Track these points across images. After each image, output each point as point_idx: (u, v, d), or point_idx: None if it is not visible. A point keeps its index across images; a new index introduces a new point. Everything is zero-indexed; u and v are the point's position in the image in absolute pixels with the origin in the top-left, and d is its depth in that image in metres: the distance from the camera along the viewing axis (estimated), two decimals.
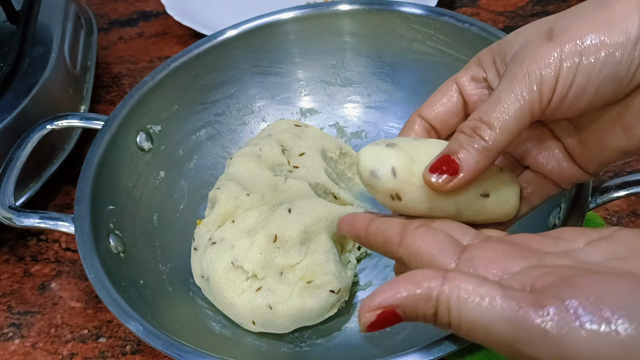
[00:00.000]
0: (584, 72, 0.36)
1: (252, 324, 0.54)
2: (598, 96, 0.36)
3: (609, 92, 0.36)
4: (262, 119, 0.71)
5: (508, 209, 0.41)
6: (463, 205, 0.39)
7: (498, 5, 0.87)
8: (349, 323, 0.56)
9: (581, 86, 0.36)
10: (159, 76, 0.65)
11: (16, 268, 0.65)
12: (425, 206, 0.38)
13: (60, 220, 0.55)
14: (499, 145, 0.36)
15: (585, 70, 0.36)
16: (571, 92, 0.36)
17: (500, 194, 0.40)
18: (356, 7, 0.68)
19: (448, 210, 0.38)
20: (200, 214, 0.65)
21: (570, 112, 0.37)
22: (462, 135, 0.37)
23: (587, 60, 0.35)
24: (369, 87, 0.71)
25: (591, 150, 0.41)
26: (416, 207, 0.38)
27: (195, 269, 0.58)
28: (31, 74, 0.68)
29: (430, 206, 0.38)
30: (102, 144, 0.60)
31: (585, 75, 0.36)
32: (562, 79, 0.36)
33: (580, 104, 0.37)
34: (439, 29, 0.65)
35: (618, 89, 0.36)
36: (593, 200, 0.50)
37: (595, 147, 0.40)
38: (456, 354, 0.52)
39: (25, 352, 0.59)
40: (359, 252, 0.60)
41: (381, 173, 0.37)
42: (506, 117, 0.36)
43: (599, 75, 0.36)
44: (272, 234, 0.55)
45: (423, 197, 0.38)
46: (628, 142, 0.39)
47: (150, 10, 0.94)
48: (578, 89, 0.36)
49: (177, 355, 0.47)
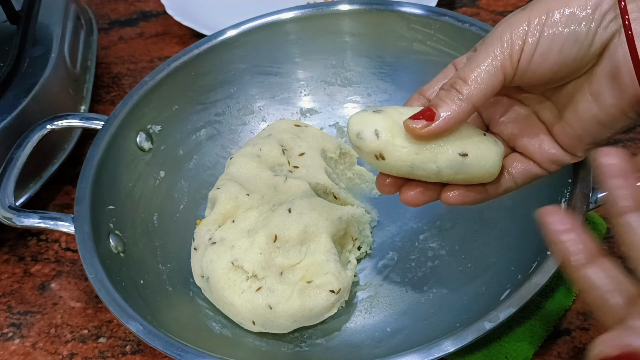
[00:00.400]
0: (547, 34, 0.40)
1: (252, 324, 0.54)
2: (563, 56, 0.40)
3: (573, 53, 0.40)
4: (262, 119, 0.71)
5: (488, 168, 0.43)
6: (443, 164, 0.42)
7: (498, 5, 0.87)
8: (349, 323, 0.56)
9: (546, 45, 0.40)
10: (159, 76, 0.65)
11: (16, 268, 0.65)
12: (407, 164, 0.42)
13: (60, 220, 0.55)
14: (472, 98, 0.41)
15: (548, 32, 0.40)
16: (537, 51, 0.40)
17: (480, 153, 0.43)
18: (356, 7, 0.68)
19: (429, 168, 0.42)
20: (200, 214, 0.65)
21: (540, 72, 0.41)
22: (441, 90, 0.42)
23: (551, 22, 0.40)
24: (369, 87, 0.71)
25: (570, 125, 0.44)
26: (398, 165, 0.42)
27: (195, 269, 0.58)
28: (31, 74, 0.68)
29: (412, 164, 0.42)
30: (102, 144, 0.60)
31: (549, 36, 0.40)
32: (528, 39, 0.40)
33: (547, 63, 0.41)
34: (439, 29, 0.65)
35: (580, 51, 0.40)
36: (593, 200, 0.50)
37: (573, 121, 0.43)
38: (456, 354, 0.52)
39: (26, 352, 0.59)
40: (359, 252, 0.60)
41: (365, 135, 0.42)
42: (480, 73, 0.41)
43: (561, 36, 0.40)
44: (272, 233, 0.55)
45: (405, 156, 0.42)
46: (600, 111, 0.42)
47: (150, 10, 0.94)
48: (544, 48, 0.40)
49: (177, 355, 0.47)
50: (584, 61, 0.41)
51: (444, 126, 0.41)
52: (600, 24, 0.39)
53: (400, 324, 0.55)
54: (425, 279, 0.58)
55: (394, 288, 0.58)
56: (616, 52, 0.40)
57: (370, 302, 0.57)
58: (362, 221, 0.60)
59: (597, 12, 0.39)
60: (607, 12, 0.39)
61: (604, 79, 0.41)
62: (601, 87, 0.41)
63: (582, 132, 0.43)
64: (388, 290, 0.58)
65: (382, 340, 0.54)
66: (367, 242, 0.61)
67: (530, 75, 0.41)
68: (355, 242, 0.60)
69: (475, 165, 0.43)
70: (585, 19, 0.39)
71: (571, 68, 0.41)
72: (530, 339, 0.53)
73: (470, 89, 0.41)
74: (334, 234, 0.56)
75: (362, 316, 0.57)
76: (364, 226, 0.61)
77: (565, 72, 0.41)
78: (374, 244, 0.62)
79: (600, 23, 0.39)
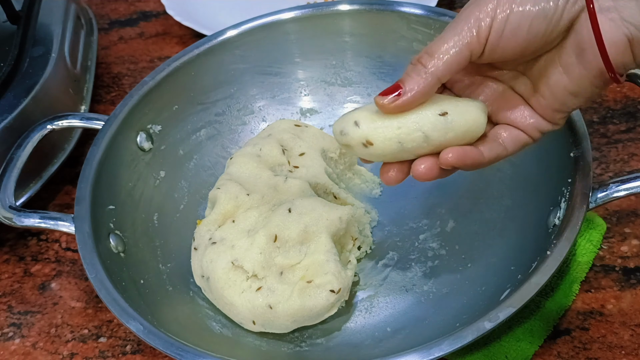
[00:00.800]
0: (516, 11, 0.41)
1: (252, 324, 0.54)
2: (532, 32, 0.42)
3: (542, 29, 0.41)
4: (262, 118, 0.71)
5: (474, 119, 0.45)
6: (427, 128, 0.43)
7: None
8: (349, 323, 0.56)
9: (516, 22, 0.41)
10: (159, 76, 0.65)
11: (16, 268, 0.65)
12: (395, 141, 0.44)
13: (60, 220, 0.55)
14: (437, 71, 0.42)
15: (518, 9, 0.41)
16: (507, 27, 0.41)
17: (459, 109, 0.44)
18: (356, 7, 0.68)
19: (416, 137, 0.44)
20: (201, 213, 0.65)
21: (511, 47, 0.42)
22: (410, 65, 0.44)
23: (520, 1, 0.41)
24: (369, 87, 0.71)
25: (544, 96, 0.45)
26: (388, 145, 0.44)
27: (195, 269, 0.58)
28: (31, 74, 0.68)
29: (399, 139, 0.44)
30: (103, 144, 0.60)
31: (519, 13, 0.41)
32: (498, 17, 0.41)
33: (517, 39, 0.42)
34: (439, 29, 0.65)
35: (549, 26, 0.41)
36: (593, 200, 0.50)
37: (546, 92, 0.45)
38: (456, 354, 0.52)
39: (26, 352, 0.59)
40: (358, 252, 0.60)
41: (347, 129, 0.44)
42: (447, 49, 0.42)
43: (530, 13, 0.41)
44: (272, 233, 0.55)
45: (389, 133, 0.44)
46: (570, 82, 0.43)
47: (150, 11, 0.94)
48: (513, 25, 0.41)
49: (177, 355, 0.47)
50: (553, 36, 0.42)
51: (410, 99, 0.43)
52: (568, 0, 0.41)
53: (400, 324, 0.55)
54: (425, 279, 0.58)
55: (394, 288, 0.58)
56: (582, 27, 0.41)
57: (370, 302, 0.58)
58: (362, 221, 0.61)
59: None
60: None
61: (572, 52, 0.42)
62: (570, 59, 0.43)
63: (555, 102, 0.45)
64: (388, 290, 0.58)
65: (382, 340, 0.54)
66: (367, 242, 0.61)
67: (501, 52, 0.43)
68: (355, 242, 0.60)
69: (459, 120, 0.44)
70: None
71: (541, 43, 0.43)
72: (530, 338, 0.53)
73: (436, 63, 0.42)
74: (334, 234, 0.56)
75: (362, 316, 0.57)
76: (364, 226, 0.61)
77: (535, 47, 0.43)
78: (374, 244, 0.62)
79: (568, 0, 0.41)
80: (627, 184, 0.50)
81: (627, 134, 0.68)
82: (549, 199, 0.53)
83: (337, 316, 0.55)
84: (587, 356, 0.53)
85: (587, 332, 0.54)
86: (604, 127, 0.69)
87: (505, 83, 0.48)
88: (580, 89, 0.44)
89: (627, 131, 0.68)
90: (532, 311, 0.54)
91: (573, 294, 0.55)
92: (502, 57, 0.44)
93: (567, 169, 0.52)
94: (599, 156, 0.66)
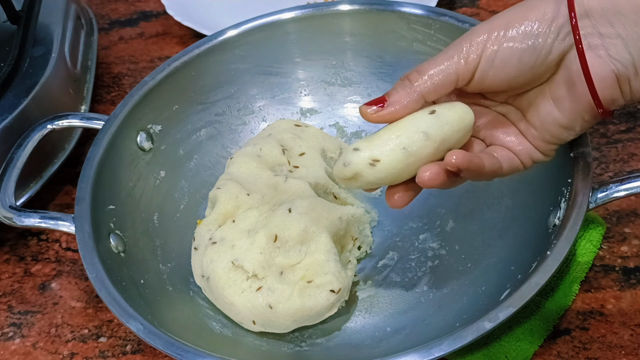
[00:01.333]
0: (506, 45, 0.43)
1: (252, 324, 0.54)
2: (522, 64, 0.43)
3: (531, 62, 0.43)
4: (262, 118, 0.71)
5: (461, 112, 0.46)
6: (424, 127, 0.44)
7: (498, 5, 0.87)
8: (349, 323, 0.56)
9: (506, 53, 0.43)
10: (159, 76, 0.65)
11: (16, 268, 0.65)
12: (399, 148, 0.44)
13: (60, 220, 0.56)
14: (422, 88, 0.44)
15: (508, 43, 0.43)
16: (498, 58, 0.43)
17: (445, 106, 0.46)
18: (356, 7, 0.68)
19: (417, 138, 0.44)
20: (201, 213, 0.65)
21: (500, 77, 0.44)
22: (398, 80, 0.46)
23: (510, 34, 0.43)
24: (369, 87, 0.71)
25: (535, 128, 0.47)
26: (393, 155, 0.44)
27: (195, 269, 0.58)
28: (31, 74, 0.68)
29: (402, 145, 0.44)
30: (103, 143, 0.60)
31: (509, 46, 0.43)
32: (489, 46, 0.43)
33: (508, 69, 0.43)
34: (439, 29, 0.65)
35: (538, 60, 0.43)
36: (593, 200, 0.50)
37: (537, 123, 0.46)
38: (456, 354, 0.52)
39: (26, 352, 0.59)
40: (358, 252, 0.60)
41: (349, 158, 0.44)
42: (436, 71, 0.44)
43: (521, 45, 0.43)
44: (273, 233, 0.55)
45: (391, 143, 0.44)
46: (561, 115, 0.45)
47: (150, 11, 0.94)
48: (504, 56, 0.43)
49: (178, 354, 0.47)
50: (542, 68, 0.44)
51: (392, 111, 0.44)
52: (558, 36, 0.43)
53: (400, 324, 0.55)
54: (425, 279, 0.58)
55: (394, 288, 0.58)
56: (572, 62, 0.43)
57: (370, 302, 0.58)
58: (362, 221, 0.61)
59: (553, 26, 0.42)
60: (563, 25, 0.42)
61: (563, 85, 0.44)
62: (561, 92, 0.44)
63: (546, 134, 0.47)
64: (388, 290, 0.58)
65: (382, 340, 0.54)
66: (367, 242, 0.61)
67: (491, 80, 0.44)
68: (355, 242, 0.60)
69: (449, 112, 0.45)
70: (543, 31, 0.42)
71: (531, 74, 0.44)
72: (530, 338, 0.53)
73: (423, 81, 0.44)
74: (334, 234, 0.56)
75: (362, 316, 0.57)
76: (364, 226, 0.61)
77: (525, 78, 0.44)
78: (374, 244, 0.62)
79: (558, 35, 0.43)
80: (627, 184, 0.50)
81: (627, 134, 0.68)
82: (549, 199, 0.53)
83: (337, 316, 0.55)
84: (587, 356, 0.53)
85: (587, 332, 0.54)
86: (604, 127, 0.69)
87: (498, 112, 0.49)
88: (570, 122, 0.45)
89: (627, 131, 0.68)
90: (532, 311, 0.54)
91: (573, 294, 0.55)
92: (491, 87, 0.45)
93: (567, 169, 0.52)
94: (599, 156, 0.66)
